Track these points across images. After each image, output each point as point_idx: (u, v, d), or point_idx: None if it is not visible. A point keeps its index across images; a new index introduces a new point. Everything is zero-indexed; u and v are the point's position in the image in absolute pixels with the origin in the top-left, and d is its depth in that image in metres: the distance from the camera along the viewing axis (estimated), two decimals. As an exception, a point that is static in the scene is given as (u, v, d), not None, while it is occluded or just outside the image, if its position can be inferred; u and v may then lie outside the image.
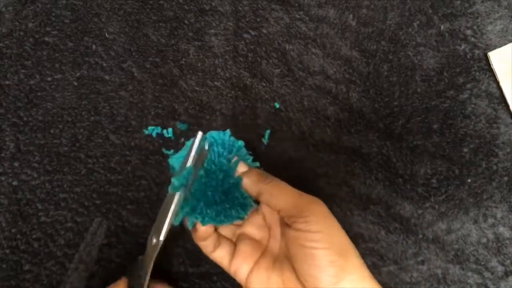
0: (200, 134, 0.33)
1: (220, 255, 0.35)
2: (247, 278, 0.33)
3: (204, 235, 0.33)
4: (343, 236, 0.30)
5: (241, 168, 0.34)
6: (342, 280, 0.27)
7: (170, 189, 0.33)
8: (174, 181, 0.32)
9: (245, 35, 0.44)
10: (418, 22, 0.44)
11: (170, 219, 0.32)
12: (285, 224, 0.31)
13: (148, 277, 0.33)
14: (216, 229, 0.35)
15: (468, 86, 0.43)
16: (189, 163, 0.32)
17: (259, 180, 0.32)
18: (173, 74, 0.43)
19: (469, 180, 0.42)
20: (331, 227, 0.29)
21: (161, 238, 0.32)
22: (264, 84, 0.43)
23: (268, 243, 0.35)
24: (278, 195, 0.31)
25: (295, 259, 0.30)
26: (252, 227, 0.36)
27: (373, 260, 0.40)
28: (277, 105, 0.43)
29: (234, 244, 0.36)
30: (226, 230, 0.36)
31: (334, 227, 0.30)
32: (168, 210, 0.32)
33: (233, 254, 0.35)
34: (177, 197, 0.32)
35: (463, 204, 0.41)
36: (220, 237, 0.35)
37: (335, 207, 0.41)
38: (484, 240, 0.40)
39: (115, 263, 0.39)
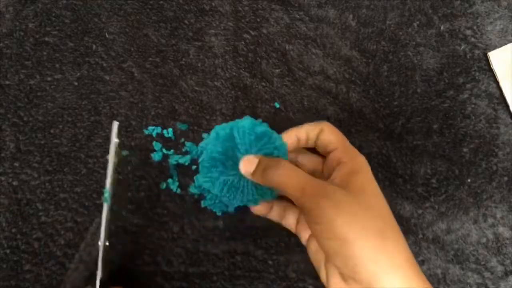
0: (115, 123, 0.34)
1: (286, 224, 0.34)
2: (307, 245, 0.33)
3: (264, 212, 0.34)
4: (354, 226, 0.27)
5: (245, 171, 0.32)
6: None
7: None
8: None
9: (245, 35, 0.44)
10: (418, 22, 0.45)
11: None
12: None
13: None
14: (283, 198, 0.34)
15: (468, 86, 0.43)
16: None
17: (262, 172, 0.30)
18: (173, 74, 0.43)
19: (469, 180, 0.42)
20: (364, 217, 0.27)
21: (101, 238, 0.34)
22: (264, 84, 0.43)
23: None
24: (285, 186, 0.29)
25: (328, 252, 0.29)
26: None
27: (373, 260, 0.40)
28: (277, 105, 0.43)
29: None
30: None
31: (344, 219, 0.27)
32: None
33: (297, 221, 0.34)
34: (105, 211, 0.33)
35: (463, 204, 0.41)
36: (286, 206, 0.34)
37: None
38: (484, 240, 0.41)
39: (115, 263, 0.39)
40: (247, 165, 0.31)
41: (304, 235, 0.33)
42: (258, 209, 0.34)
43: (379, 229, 0.27)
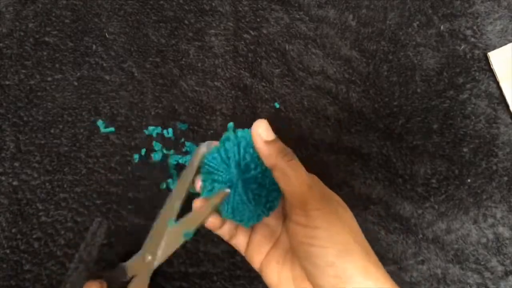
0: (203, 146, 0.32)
1: (236, 243, 0.33)
2: (260, 270, 0.32)
3: (214, 226, 0.32)
4: (347, 234, 0.27)
5: (264, 137, 0.29)
6: (345, 283, 0.25)
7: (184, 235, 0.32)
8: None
9: (245, 35, 0.44)
10: (418, 22, 0.45)
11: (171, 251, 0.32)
12: (286, 214, 0.30)
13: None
14: None
15: (468, 86, 0.43)
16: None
17: (278, 153, 0.28)
18: (173, 74, 0.43)
19: (469, 180, 0.42)
20: (334, 224, 0.27)
21: (156, 263, 0.33)
22: (264, 84, 0.43)
23: (280, 234, 0.33)
24: (289, 176, 0.27)
25: (297, 256, 0.28)
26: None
27: (373, 260, 0.40)
28: (277, 105, 0.43)
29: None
30: None
31: (338, 225, 0.27)
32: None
33: (248, 242, 0.33)
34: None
35: (463, 204, 0.41)
36: (239, 225, 0.33)
37: (335, 207, 0.41)
38: (484, 240, 0.41)
39: (115, 263, 0.39)
40: (266, 130, 0.29)
41: (257, 259, 0.32)
42: (211, 221, 0.32)
43: (361, 243, 0.28)
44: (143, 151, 0.41)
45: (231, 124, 0.32)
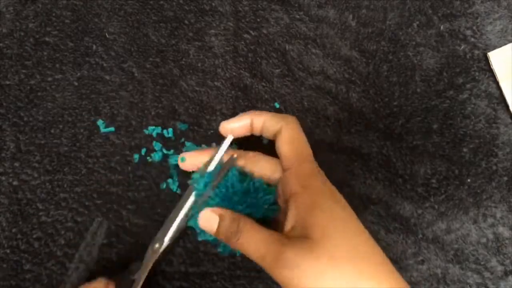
0: (230, 137, 0.33)
1: None
2: None
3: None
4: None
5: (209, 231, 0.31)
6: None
7: (192, 184, 0.32)
8: (198, 180, 0.32)
9: (245, 35, 0.44)
10: (417, 22, 0.45)
11: (180, 221, 0.32)
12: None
13: (142, 282, 0.33)
14: None
15: (468, 86, 0.43)
16: (215, 163, 0.32)
17: (226, 239, 0.30)
18: (173, 74, 0.43)
19: (468, 180, 0.42)
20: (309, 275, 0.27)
21: (166, 240, 0.32)
22: (264, 84, 0.43)
23: None
24: (244, 251, 0.29)
25: None
26: None
27: (373, 260, 0.40)
28: (277, 105, 0.43)
29: None
30: None
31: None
32: (179, 211, 0.32)
33: None
34: (191, 199, 0.32)
35: (463, 204, 0.41)
36: None
37: (335, 207, 0.41)
38: (484, 240, 0.41)
39: (115, 263, 0.39)
40: (207, 223, 0.31)
41: None
42: None
43: (353, 277, 0.26)
44: (143, 151, 0.41)
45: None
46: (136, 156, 0.41)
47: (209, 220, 0.30)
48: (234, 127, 0.34)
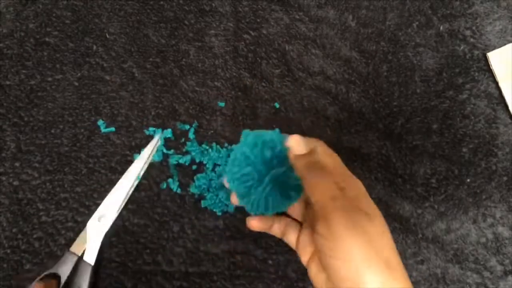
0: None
1: (287, 241, 0.34)
2: (307, 268, 0.32)
3: (259, 228, 0.33)
4: (368, 249, 0.26)
5: (294, 151, 0.30)
6: None
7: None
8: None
9: (245, 36, 0.44)
10: (417, 22, 0.45)
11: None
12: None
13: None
14: (284, 214, 0.34)
15: (467, 86, 0.43)
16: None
17: (304, 167, 0.29)
18: (173, 75, 0.43)
19: (468, 180, 0.42)
20: (356, 238, 0.26)
21: (114, 213, 0.33)
22: (264, 84, 0.43)
23: None
24: (312, 188, 0.28)
25: (321, 264, 0.29)
26: None
27: (373, 260, 0.40)
28: (277, 105, 0.43)
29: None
30: (296, 211, 0.35)
31: (359, 239, 0.26)
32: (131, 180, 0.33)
33: (296, 241, 0.33)
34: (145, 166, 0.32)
35: (462, 204, 0.41)
36: (288, 223, 0.34)
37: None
38: (483, 239, 0.41)
39: (115, 263, 0.39)
40: (297, 145, 0.30)
41: (305, 256, 0.32)
42: (258, 225, 0.34)
43: (386, 259, 0.26)
44: (144, 151, 0.41)
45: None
46: (136, 156, 0.41)
47: (299, 143, 0.30)
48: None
